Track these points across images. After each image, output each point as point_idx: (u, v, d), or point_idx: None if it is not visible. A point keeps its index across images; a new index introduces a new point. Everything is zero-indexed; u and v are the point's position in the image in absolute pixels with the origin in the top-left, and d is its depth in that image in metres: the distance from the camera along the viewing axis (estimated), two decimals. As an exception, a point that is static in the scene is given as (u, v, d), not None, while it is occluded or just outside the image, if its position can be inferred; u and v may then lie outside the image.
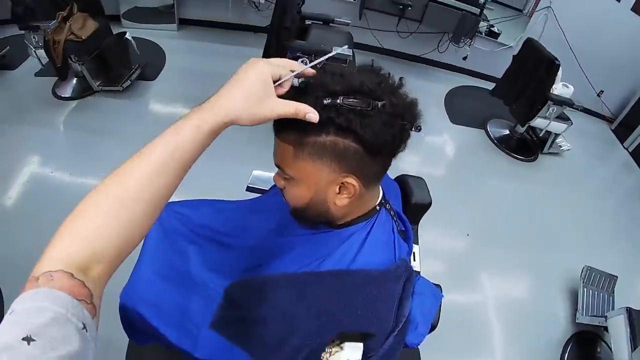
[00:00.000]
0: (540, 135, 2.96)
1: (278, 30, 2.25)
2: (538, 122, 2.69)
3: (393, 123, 0.57)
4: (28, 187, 2.03)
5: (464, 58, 3.46)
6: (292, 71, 0.57)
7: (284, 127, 0.59)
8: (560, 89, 2.59)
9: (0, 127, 2.32)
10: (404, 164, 2.58)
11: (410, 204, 1.03)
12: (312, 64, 0.60)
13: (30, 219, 1.86)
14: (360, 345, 0.65)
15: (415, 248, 1.08)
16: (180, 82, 2.91)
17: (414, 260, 1.05)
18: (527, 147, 3.03)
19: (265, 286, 0.71)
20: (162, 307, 0.83)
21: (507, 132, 3.08)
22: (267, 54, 2.42)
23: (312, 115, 0.54)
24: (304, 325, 0.65)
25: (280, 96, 0.55)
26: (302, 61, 2.35)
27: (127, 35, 2.63)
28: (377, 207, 0.73)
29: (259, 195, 1.12)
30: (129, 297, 0.84)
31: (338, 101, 0.55)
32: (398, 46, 3.59)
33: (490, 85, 3.14)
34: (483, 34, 3.45)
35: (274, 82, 0.54)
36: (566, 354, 1.85)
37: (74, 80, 2.59)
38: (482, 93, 3.39)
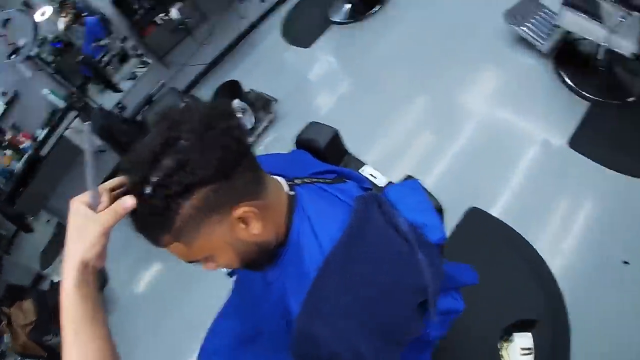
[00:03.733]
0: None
1: (127, 151, 2.17)
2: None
3: (209, 142, 0.54)
4: None
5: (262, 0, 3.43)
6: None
7: (152, 240, 0.58)
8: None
9: None
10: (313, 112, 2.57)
11: (321, 150, 1.00)
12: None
13: None
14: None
15: (366, 169, 1.06)
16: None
17: (375, 178, 1.03)
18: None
19: (301, 335, 0.66)
20: None
21: (348, 5, 3.02)
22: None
23: (129, 200, 0.54)
24: (354, 337, 0.62)
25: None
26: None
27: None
28: (291, 193, 0.70)
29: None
30: None
31: (154, 180, 0.52)
32: (215, 49, 3.47)
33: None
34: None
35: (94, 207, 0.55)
36: (563, 76, 1.93)
37: None
38: (304, 6, 3.35)
